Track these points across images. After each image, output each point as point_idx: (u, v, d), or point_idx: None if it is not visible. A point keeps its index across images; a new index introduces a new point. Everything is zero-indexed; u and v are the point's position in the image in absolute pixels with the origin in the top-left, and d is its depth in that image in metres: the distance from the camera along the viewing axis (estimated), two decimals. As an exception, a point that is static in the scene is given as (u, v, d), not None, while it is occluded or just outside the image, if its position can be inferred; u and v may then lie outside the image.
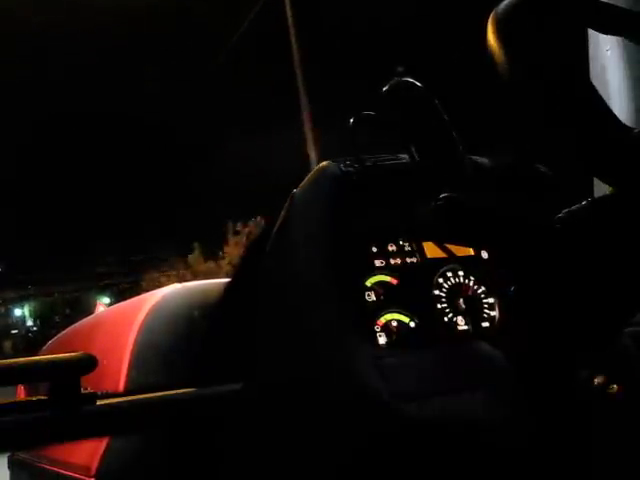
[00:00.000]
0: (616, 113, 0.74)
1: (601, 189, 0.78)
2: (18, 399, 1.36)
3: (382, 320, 0.92)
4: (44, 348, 1.58)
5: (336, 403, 0.87)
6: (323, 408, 0.89)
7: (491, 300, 0.98)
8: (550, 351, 0.80)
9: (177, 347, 1.13)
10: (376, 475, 0.84)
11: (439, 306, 0.95)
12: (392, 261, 0.97)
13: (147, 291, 1.29)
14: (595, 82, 1.42)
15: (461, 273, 0.98)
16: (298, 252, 0.95)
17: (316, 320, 0.91)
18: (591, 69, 1.44)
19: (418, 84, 0.89)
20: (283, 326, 0.97)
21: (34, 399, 0.95)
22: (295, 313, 0.95)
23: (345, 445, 0.87)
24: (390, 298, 0.94)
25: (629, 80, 1.38)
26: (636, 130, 0.74)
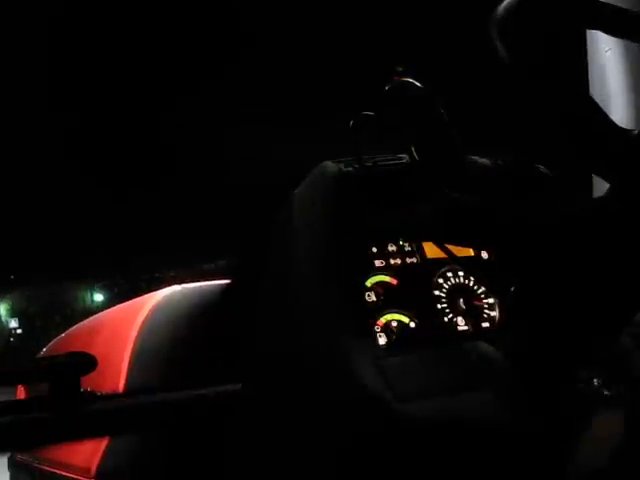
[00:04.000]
0: (616, 113, 0.74)
1: (601, 189, 0.78)
2: (18, 399, 1.36)
3: (382, 320, 0.92)
4: (45, 349, 1.58)
5: (336, 403, 0.87)
6: (323, 408, 0.89)
7: (491, 300, 0.98)
8: (550, 351, 0.80)
9: (177, 348, 1.13)
10: (376, 475, 0.84)
11: (439, 306, 0.96)
12: (392, 261, 0.97)
13: (147, 292, 1.29)
14: (594, 82, 1.42)
15: (461, 273, 0.98)
16: (298, 252, 0.95)
17: (316, 320, 0.91)
18: (590, 69, 1.44)
19: (418, 84, 0.89)
20: (283, 326, 0.98)
21: (34, 399, 0.95)
22: (295, 313, 0.95)
23: (345, 445, 0.87)
24: (390, 298, 0.94)
25: (629, 80, 1.38)
26: (635, 131, 0.74)
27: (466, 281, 0.99)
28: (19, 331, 25.65)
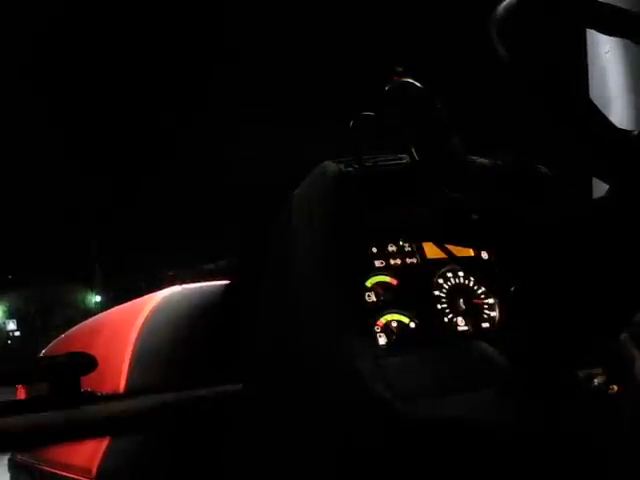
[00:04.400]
0: (616, 114, 0.74)
1: (601, 189, 0.79)
2: (18, 399, 1.36)
3: (382, 320, 0.92)
4: (45, 350, 1.58)
5: (336, 403, 0.87)
6: (324, 408, 0.89)
7: (491, 300, 0.98)
8: (550, 351, 0.80)
9: (177, 348, 1.13)
10: (376, 475, 0.84)
11: (439, 306, 0.96)
12: (392, 261, 0.97)
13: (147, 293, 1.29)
14: (594, 83, 1.42)
15: (461, 273, 0.98)
16: (298, 252, 0.95)
17: (316, 320, 0.91)
18: (590, 70, 1.44)
19: (418, 84, 0.89)
20: (283, 326, 0.98)
21: (34, 399, 0.95)
22: (295, 313, 0.95)
23: (346, 445, 0.87)
24: (390, 298, 0.94)
25: (629, 81, 1.38)
26: (635, 132, 0.74)
27: (466, 281, 0.99)
28: (17, 333, 24.00)
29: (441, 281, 0.97)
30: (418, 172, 0.88)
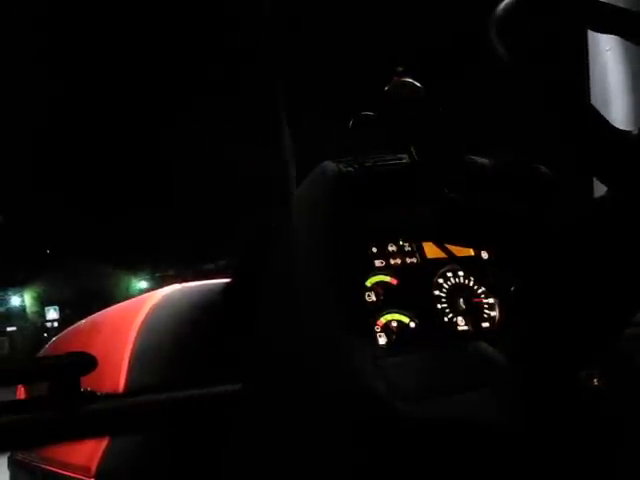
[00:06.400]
0: (617, 113, 0.74)
1: (601, 189, 0.79)
2: (18, 399, 1.36)
3: (382, 320, 0.92)
4: (45, 348, 1.58)
5: (336, 403, 0.87)
6: (323, 408, 0.89)
7: (491, 300, 0.98)
8: (550, 351, 0.80)
9: (177, 347, 1.13)
10: (376, 474, 0.84)
11: (439, 306, 0.96)
12: (392, 261, 0.97)
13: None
14: (595, 82, 1.42)
15: (461, 273, 0.98)
16: (298, 252, 0.95)
17: (316, 320, 0.91)
18: (591, 69, 1.44)
19: (418, 84, 0.89)
20: (283, 326, 0.98)
21: (34, 399, 0.95)
22: (295, 313, 0.95)
23: (345, 444, 0.87)
24: (390, 298, 0.94)
25: (630, 79, 1.38)
26: (634, 132, 0.74)
27: (466, 281, 0.99)
28: (56, 324, 20.28)
29: (441, 281, 0.97)
30: (418, 172, 0.88)
